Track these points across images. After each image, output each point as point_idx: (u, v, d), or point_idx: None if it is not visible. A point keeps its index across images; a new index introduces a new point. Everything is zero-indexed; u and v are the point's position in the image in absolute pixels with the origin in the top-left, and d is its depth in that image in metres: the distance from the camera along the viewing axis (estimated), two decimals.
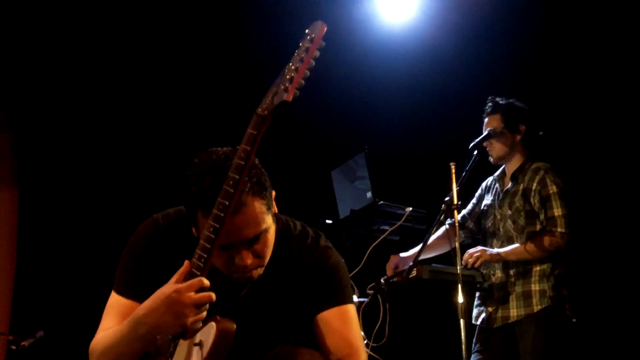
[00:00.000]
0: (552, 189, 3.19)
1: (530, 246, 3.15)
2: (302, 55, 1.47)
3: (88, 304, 2.98)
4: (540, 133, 3.41)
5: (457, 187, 3.10)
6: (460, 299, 2.90)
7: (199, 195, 1.58)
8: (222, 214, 1.52)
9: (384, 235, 3.44)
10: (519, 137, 3.36)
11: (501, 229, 3.32)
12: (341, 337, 1.74)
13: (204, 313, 1.57)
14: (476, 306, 3.38)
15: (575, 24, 4.24)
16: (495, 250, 3.25)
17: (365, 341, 3.16)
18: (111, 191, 4.94)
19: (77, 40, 4.57)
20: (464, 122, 3.82)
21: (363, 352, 1.77)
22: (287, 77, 1.46)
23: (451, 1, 4.48)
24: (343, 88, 4.83)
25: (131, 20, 4.54)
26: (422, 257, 3.23)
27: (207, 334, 1.57)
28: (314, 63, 1.48)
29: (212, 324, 1.57)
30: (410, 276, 3.12)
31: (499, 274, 3.27)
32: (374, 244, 3.39)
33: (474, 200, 3.57)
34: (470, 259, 3.19)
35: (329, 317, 1.75)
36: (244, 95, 4.01)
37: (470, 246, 3.34)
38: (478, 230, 3.51)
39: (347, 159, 3.64)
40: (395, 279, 3.24)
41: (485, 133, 3.36)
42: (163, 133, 5.00)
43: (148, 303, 1.60)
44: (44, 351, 3.85)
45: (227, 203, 1.52)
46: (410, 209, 3.45)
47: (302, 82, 1.47)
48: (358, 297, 3.29)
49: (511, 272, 3.23)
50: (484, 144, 3.37)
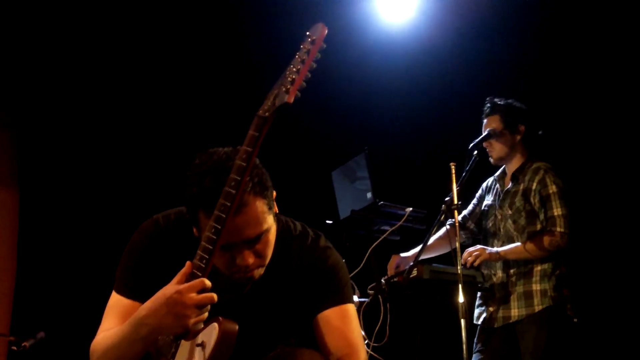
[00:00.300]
0: (552, 188, 3.19)
1: (530, 245, 3.16)
2: (304, 57, 1.48)
3: (89, 304, 2.98)
4: (540, 133, 3.41)
5: (457, 187, 3.10)
6: (461, 299, 2.90)
7: (200, 195, 1.58)
8: (224, 215, 1.52)
9: (384, 236, 3.44)
10: (518, 137, 3.36)
11: (502, 229, 3.32)
12: (341, 336, 1.75)
13: (206, 314, 1.58)
14: (477, 306, 3.38)
15: (574, 23, 4.24)
16: (495, 249, 3.25)
17: (366, 341, 3.17)
18: (112, 191, 4.94)
19: (77, 41, 4.56)
20: (463, 122, 3.82)
21: (363, 352, 1.78)
22: (289, 78, 1.47)
23: (450, 2, 4.48)
24: (343, 88, 4.83)
25: (132, 21, 4.53)
26: (423, 257, 3.23)
27: (209, 334, 1.56)
28: (315, 65, 1.48)
29: (215, 324, 1.57)
30: (411, 276, 3.12)
31: (499, 274, 3.27)
32: (375, 244, 3.40)
33: (474, 201, 3.57)
34: (469, 258, 3.19)
35: (329, 317, 1.76)
36: (245, 96, 4.02)
37: (470, 246, 3.34)
38: (479, 230, 3.51)
39: (348, 159, 3.64)
40: (395, 279, 3.24)
41: (485, 133, 3.37)
42: (164, 134, 5.00)
43: (149, 304, 1.60)
44: (45, 352, 3.84)
45: (229, 204, 1.52)
46: (411, 209, 3.46)
47: (304, 84, 1.47)
48: (359, 297, 3.29)
49: (512, 272, 3.23)
50: (484, 145, 3.37)
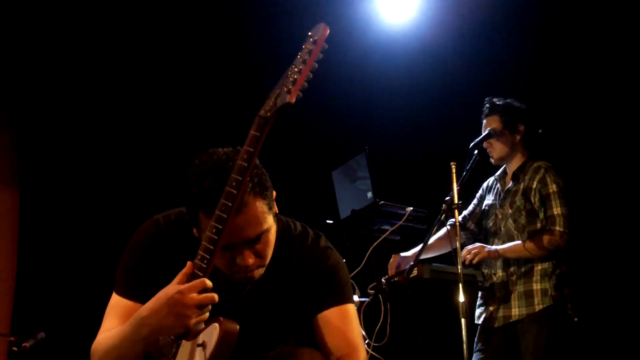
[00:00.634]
0: (552, 187, 3.19)
1: (529, 244, 3.16)
2: (305, 57, 1.48)
3: (89, 304, 2.98)
4: (540, 131, 3.41)
5: (457, 186, 3.10)
6: (462, 298, 2.90)
7: (200, 196, 1.58)
8: (225, 215, 1.52)
9: (384, 235, 3.44)
10: (518, 137, 3.36)
11: (502, 228, 3.32)
12: (341, 336, 1.75)
13: (207, 314, 1.58)
14: (478, 306, 3.38)
15: (574, 23, 4.24)
16: (494, 247, 3.25)
17: (366, 341, 3.16)
18: (112, 192, 4.94)
19: (77, 41, 4.56)
20: (464, 122, 3.82)
21: (363, 352, 1.78)
22: (290, 79, 1.46)
23: (451, 2, 4.48)
24: (343, 88, 4.83)
25: (132, 22, 4.53)
26: (423, 257, 3.23)
27: (210, 335, 1.56)
28: (316, 65, 1.48)
29: (215, 325, 1.57)
30: (411, 276, 3.12)
31: (500, 273, 3.27)
32: (375, 243, 3.39)
33: (474, 201, 3.57)
34: (468, 256, 3.19)
35: (329, 317, 1.76)
36: (246, 96, 4.02)
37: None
38: (479, 231, 3.51)
39: (348, 159, 3.63)
40: (396, 279, 3.24)
41: (485, 133, 3.37)
42: (164, 134, 5.00)
43: (150, 304, 1.60)
44: (45, 352, 3.84)
45: (230, 204, 1.52)
46: (411, 208, 3.45)
47: (305, 84, 1.47)
48: (359, 296, 3.29)
49: (512, 271, 3.23)
50: (484, 145, 3.37)
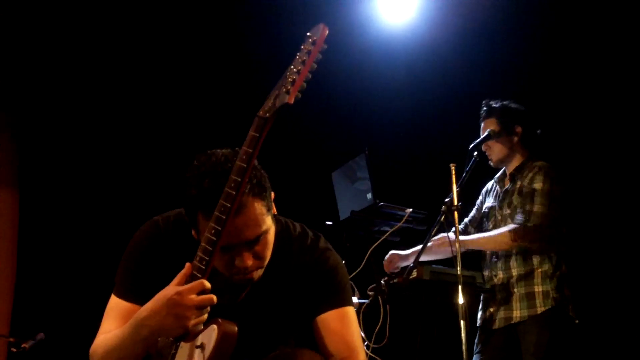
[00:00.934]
0: (538, 185, 3.17)
1: (493, 236, 3.14)
2: (304, 57, 1.47)
3: (89, 306, 2.97)
4: (539, 132, 3.41)
5: (457, 188, 3.09)
6: (461, 300, 2.89)
7: (199, 197, 1.58)
8: (224, 216, 1.52)
9: (384, 237, 3.43)
10: (516, 139, 3.36)
11: None
12: (340, 339, 1.75)
13: (206, 315, 1.58)
14: (480, 308, 3.38)
15: (574, 24, 4.24)
16: (463, 237, 3.20)
17: (365, 342, 3.16)
18: (112, 193, 4.94)
19: (77, 42, 4.57)
20: (464, 123, 3.82)
21: (362, 354, 1.78)
22: (289, 79, 1.46)
23: (451, 2, 4.48)
24: (343, 89, 4.83)
25: (133, 22, 4.54)
26: (424, 259, 3.23)
27: (209, 336, 1.56)
28: (315, 66, 1.48)
29: (214, 326, 1.57)
30: (411, 277, 3.12)
31: (500, 275, 3.26)
32: (375, 245, 3.39)
33: (475, 207, 3.56)
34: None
35: (329, 319, 1.76)
36: (245, 97, 4.02)
37: (473, 253, 3.34)
38: None
39: (348, 160, 3.63)
40: (395, 280, 3.23)
41: (485, 134, 3.36)
42: (163, 135, 5.00)
43: (149, 305, 1.60)
44: (45, 353, 3.84)
45: (229, 205, 1.52)
46: (411, 210, 3.45)
47: (304, 84, 1.47)
48: (358, 298, 3.29)
49: (513, 273, 3.21)
50: (483, 148, 3.37)
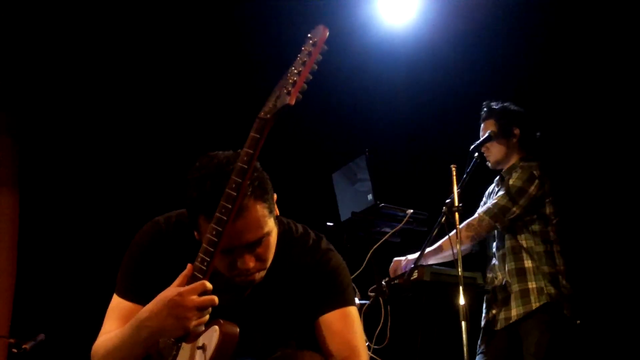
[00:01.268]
0: (511, 181, 3.19)
1: (461, 232, 3.15)
2: (305, 59, 1.48)
3: (89, 306, 2.98)
4: (538, 135, 3.41)
5: (458, 189, 3.09)
6: (462, 301, 2.89)
7: (201, 199, 1.58)
8: (225, 218, 1.52)
9: (385, 238, 3.43)
10: (514, 140, 3.36)
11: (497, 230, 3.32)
12: (342, 339, 1.74)
13: (207, 316, 1.57)
14: (483, 310, 3.38)
15: (575, 26, 4.25)
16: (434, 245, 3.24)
17: (366, 343, 3.16)
18: (112, 194, 4.95)
19: (78, 44, 4.57)
20: (464, 124, 3.82)
21: (364, 355, 1.77)
22: (290, 80, 1.46)
23: (451, 4, 4.49)
24: (344, 90, 4.84)
25: (134, 25, 4.54)
26: (431, 262, 3.24)
27: (210, 337, 1.56)
28: (316, 67, 1.48)
29: (215, 327, 1.57)
30: (412, 278, 3.12)
31: (499, 276, 3.26)
32: (375, 246, 3.39)
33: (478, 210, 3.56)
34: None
35: (331, 320, 1.75)
36: (246, 98, 4.02)
37: (477, 254, 3.33)
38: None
39: (348, 161, 3.63)
40: (396, 281, 3.24)
41: (485, 135, 3.37)
42: (165, 136, 5.00)
43: (151, 306, 1.59)
44: (45, 354, 3.84)
45: (230, 207, 1.52)
46: (412, 211, 3.45)
47: (305, 85, 1.47)
48: (359, 299, 3.29)
49: (509, 272, 3.21)
50: (482, 149, 3.37)
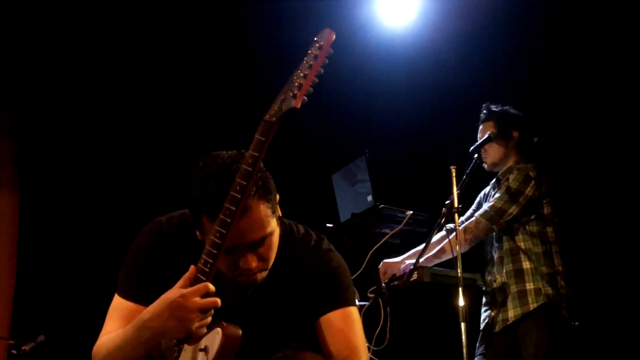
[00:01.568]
0: (507, 184, 3.19)
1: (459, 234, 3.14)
2: (311, 62, 1.47)
3: (89, 307, 2.98)
4: (535, 139, 3.42)
5: (457, 190, 3.09)
6: (461, 302, 2.89)
7: (204, 199, 1.58)
8: (229, 220, 1.52)
9: (384, 239, 3.42)
10: (512, 143, 3.37)
11: (494, 233, 3.32)
12: (343, 339, 1.75)
13: (209, 318, 1.57)
14: (482, 312, 3.38)
15: (575, 28, 4.25)
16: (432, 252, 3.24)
17: (366, 344, 3.16)
18: (113, 195, 4.95)
19: (79, 45, 4.58)
20: (464, 125, 3.83)
21: (365, 354, 1.78)
22: (296, 83, 1.46)
23: (451, 5, 4.49)
24: (344, 91, 4.84)
25: (137, 27, 4.55)
26: (432, 264, 3.24)
27: (213, 339, 1.56)
28: (322, 70, 1.48)
29: (218, 329, 1.57)
30: (411, 279, 3.12)
31: (498, 278, 3.27)
32: (375, 247, 3.39)
33: (473, 207, 3.57)
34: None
35: (332, 320, 1.76)
36: (251, 100, 4.02)
37: (475, 252, 3.34)
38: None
39: (348, 162, 3.63)
40: (396, 282, 3.24)
41: (485, 136, 3.37)
42: (167, 137, 5.00)
43: (153, 307, 1.59)
44: (45, 355, 3.84)
45: (234, 209, 1.51)
46: (411, 212, 3.44)
47: (311, 89, 1.47)
48: (359, 300, 3.29)
49: (506, 273, 3.22)
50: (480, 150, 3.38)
